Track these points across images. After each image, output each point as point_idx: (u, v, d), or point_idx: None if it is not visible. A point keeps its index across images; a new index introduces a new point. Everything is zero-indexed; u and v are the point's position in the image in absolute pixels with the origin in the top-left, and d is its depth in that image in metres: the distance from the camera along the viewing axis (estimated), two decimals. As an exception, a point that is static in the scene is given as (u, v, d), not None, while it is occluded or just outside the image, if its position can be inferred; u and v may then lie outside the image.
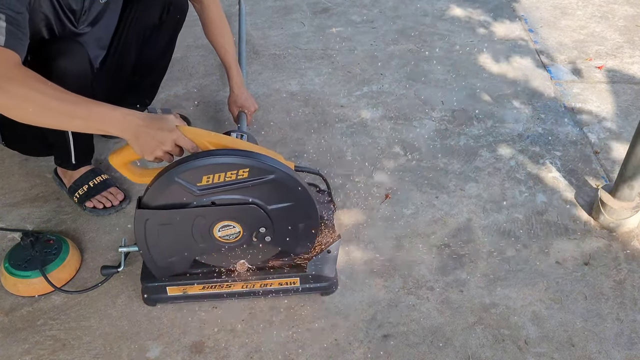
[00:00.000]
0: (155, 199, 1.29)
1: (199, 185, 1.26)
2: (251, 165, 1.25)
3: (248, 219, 1.34)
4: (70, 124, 1.22)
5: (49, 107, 1.16)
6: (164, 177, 1.25)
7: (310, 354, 1.40)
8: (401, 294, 1.54)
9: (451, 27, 2.76)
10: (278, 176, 1.27)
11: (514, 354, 1.41)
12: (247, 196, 1.30)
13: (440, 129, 2.13)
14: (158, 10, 1.73)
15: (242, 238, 1.37)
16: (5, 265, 1.53)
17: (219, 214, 1.31)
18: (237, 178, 1.26)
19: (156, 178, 1.27)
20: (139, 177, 1.36)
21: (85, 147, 1.76)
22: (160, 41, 1.81)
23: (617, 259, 1.64)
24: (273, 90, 2.32)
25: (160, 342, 1.42)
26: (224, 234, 1.36)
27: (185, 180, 1.25)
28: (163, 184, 1.26)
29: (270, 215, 1.34)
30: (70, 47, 1.50)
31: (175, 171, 1.24)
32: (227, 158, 1.24)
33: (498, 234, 1.72)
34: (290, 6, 2.92)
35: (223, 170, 1.25)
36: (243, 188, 1.28)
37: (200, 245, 1.37)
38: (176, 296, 1.48)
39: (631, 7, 2.93)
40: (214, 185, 1.27)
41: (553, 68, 2.48)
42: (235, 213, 1.32)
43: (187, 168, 1.24)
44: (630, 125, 2.15)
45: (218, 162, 1.24)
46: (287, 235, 1.39)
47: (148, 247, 1.35)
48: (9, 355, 1.39)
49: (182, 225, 1.32)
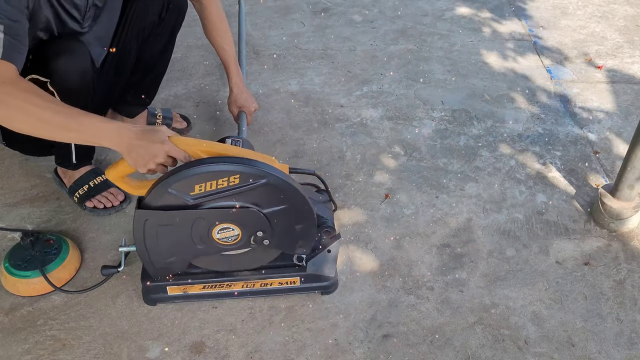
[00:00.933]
0: (155, 200, 1.29)
1: (192, 195, 1.27)
2: (241, 172, 1.25)
3: (246, 222, 1.34)
4: (64, 136, 1.25)
5: (43, 120, 1.18)
6: (158, 187, 1.27)
7: (310, 354, 1.41)
8: (401, 294, 1.55)
9: (451, 27, 2.76)
10: (270, 180, 1.28)
11: (514, 354, 1.41)
12: (241, 202, 1.30)
13: (440, 129, 2.13)
14: (158, 8, 1.73)
15: (240, 240, 1.37)
16: (5, 265, 1.53)
17: (218, 216, 1.32)
18: (229, 185, 1.27)
19: (152, 187, 1.29)
20: (136, 189, 1.37)
21: (86, 147, 1.76)
22: (160, 40, 1.81)
23: (617, 259, 1.64)
24: (273, 90, 2.32)
25: (160, 342, 1.42)
26: (222, 236, 1.36)
27: (177, 190, 1.26)
28: (158, 194, 1.28)
29: (269, 217, 1.34)
30: (72, 45, 1.50)
31: (167, 182, 1.25)
32: (216, 166, 1.25)
33: (498, 234, 1.72)
34: (290, 6, 2.92)
35: (214, 178, 1.25)
36: (236, 194, 1.29)
37: (199, 247, 1.37)
38: (176, 296, 1.48)
39: (631, 7, 2.93)
40: (207, 193, 1.28)
41: (553, 68, 2.48)
42: (234, 216, 1.32)
43: (178, 179, 1.25)
44: (630, 125, 2.15)
45: (208, 171, 1.24)
46: (285, 237, 1.39)
47: (146, 247, 1.36)
48: (9, 355, 1.39)
49: (182, 227, 1.33)
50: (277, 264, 1.49)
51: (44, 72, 1.46)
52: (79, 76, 1.50)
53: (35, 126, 1.19)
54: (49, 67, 1.45)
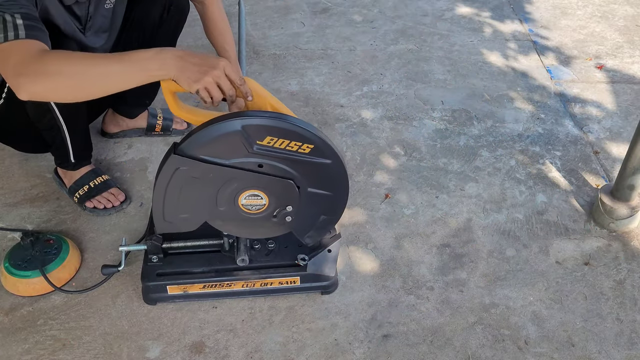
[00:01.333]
0: (197, 147, 1.21)
1: (258, 144, 1.20)
2: (317, 144, 1.21)
3: (280, 194, 1.29)
4: (112, 83, 1.18)
5: (86, 74, 1.16)
6: (226, 122, 1.17)
7: (310, 353, 1.41)
8: (401, 294, 1.55)
9: (451, 27, 2.76)
10: (333, 163, 1.25)
11: (514, 354, 1.41)
12: (294, 170, 1.25)
13: (440, 128, 2.13)
14: (159, 9, 1.73)
15: (263, 212, 1.33)
16: (5, 265, 1.53)
17: (254, 181, 1.26)
18: (297, 151, 1.22)
19: (210, 123, 1.19)
20: (184, 112, 1.27)
21: (83, 144, 1.75)
22: (161, 41, 1.81)
23: (617, 259, 1.64)
24: (273, 90, 2.32)
25: (160, 342, 1.43)
26: (248, 203, 1.30)
27: (248, 133, 1.18)
28: (220, 129, 1.18)
29: (304, 197, 1.30)
30: (59, 45, 1.50)
31: (244, 120, 1.17)
32: (300, 129, 1.19)
33: (498, 234, 1.72)
34: (290, 6, 2.92)
35: (290, 139, 1.20)
36: (295, 162, 1.24)
37: (220, 209, 1.31)
38: (176, 295, 1.48)
39: (631, 7, 2.94)
40: (272, 150, 1.21)
41: (553, 68, 2.48)
42: (270, 185, 1.27)
43: (257, 122, 1.17)
44: (630, 125, 2.15)
45: (290, 129, 1.19)
46: (305, 221, 1.37)
47: (165, 196, 1.27)
48: (9, 355, 1.39)
49: (212, 184, 1.25)
50: (278, 263, 1.49)
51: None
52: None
53: (81, 86, 1.17)
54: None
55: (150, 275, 1.46)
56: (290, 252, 1.50)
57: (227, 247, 1.47)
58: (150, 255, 1.47)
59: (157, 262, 1.47)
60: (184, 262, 1.49)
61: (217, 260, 1.49)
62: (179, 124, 2.07)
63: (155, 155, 1.98)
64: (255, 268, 1.48)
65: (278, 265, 1.49)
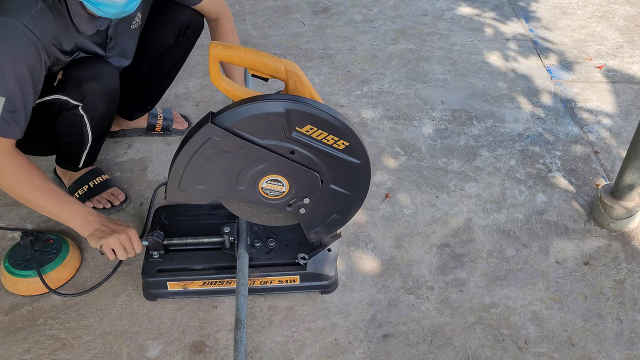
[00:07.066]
0: (235, 120, 1.18)
1: (297, 130, 1.19)
2: (352, 142, 1.22)
3: (304, 185, 1.29)
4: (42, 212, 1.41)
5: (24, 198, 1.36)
6: (270, 102, 1.16)
7: (310, 353, 1.41)
8: (401, 294, 1.55)
9: (451, 27, 2.76)
10: (362, 164, 1.25)
11: (514, 354, 1.41)
12: (323, 164, 1.25)
13: (440, 128, 2.13)
14: (175, 32, 1.73)
15: (280, 199, 1.32)
16: (5, 265, 1.53)
17: (281, 166, 1.25)
18: (332, 145, 1.22)
19: (253, 99, 1.18)
20: (224, 84, 1.24)
21: (95, 152, 1.76)
22: (173, 58, 1.82)
23: (617, 259, 1.64)
24: (273, 91, 2.32)
25: (160, 342, 1.42)
26: (268, 188, 1.30)
27: (291, 117, 1.17)
28: (263, 108, 1.16)
29: (325, 192, 1.30)
30: (103, 70, 1.52)
31: (290, 104, 1.16)
32: (341, 124, 1.19)
33: (498, 233, 1.72)
34: (290, 6, 2.92)
35: (329, 131, 1.20)
36: (327, 156, 1.24)
37: (239, 188, 1.30)
38: (176, 292, 1.48)
39: (631, 7, 2.94)
40: (309, 139, 1.20)
41: (553, 68, 2.48)
42: (296, 173, 1.26)
43: (302, 108, 1.17)
44: (630, 125, 2.15)
45: (332, 122, 1.18)
46: (316, 216, 1.37)
47: (188, 164, 1.24)
48: (9, 355, 1.39)
49: (239, 161, 1.24)
50: (278, 262, 1.49)
51: (73, 93, 1.49)
52: (108, 101, 1.57)
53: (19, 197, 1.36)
54: (81, 91, 1.48)
55: (151, 271, 1.46)
56: (291, 251, 1.50)
57: (227, 245, 1.47)
58: (151, 251, 1.47)
59: (158, 258, 1.48)
60: (185, 259, 1.49)
61: (217, 258, 1.50)
62: (179, 124, 2.07)
63: (155, 155, 1.98)
64: (255, 266, 1.48)
65: (278, 264, 1.49)
